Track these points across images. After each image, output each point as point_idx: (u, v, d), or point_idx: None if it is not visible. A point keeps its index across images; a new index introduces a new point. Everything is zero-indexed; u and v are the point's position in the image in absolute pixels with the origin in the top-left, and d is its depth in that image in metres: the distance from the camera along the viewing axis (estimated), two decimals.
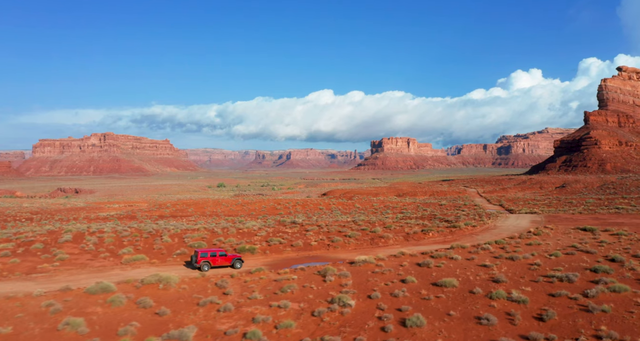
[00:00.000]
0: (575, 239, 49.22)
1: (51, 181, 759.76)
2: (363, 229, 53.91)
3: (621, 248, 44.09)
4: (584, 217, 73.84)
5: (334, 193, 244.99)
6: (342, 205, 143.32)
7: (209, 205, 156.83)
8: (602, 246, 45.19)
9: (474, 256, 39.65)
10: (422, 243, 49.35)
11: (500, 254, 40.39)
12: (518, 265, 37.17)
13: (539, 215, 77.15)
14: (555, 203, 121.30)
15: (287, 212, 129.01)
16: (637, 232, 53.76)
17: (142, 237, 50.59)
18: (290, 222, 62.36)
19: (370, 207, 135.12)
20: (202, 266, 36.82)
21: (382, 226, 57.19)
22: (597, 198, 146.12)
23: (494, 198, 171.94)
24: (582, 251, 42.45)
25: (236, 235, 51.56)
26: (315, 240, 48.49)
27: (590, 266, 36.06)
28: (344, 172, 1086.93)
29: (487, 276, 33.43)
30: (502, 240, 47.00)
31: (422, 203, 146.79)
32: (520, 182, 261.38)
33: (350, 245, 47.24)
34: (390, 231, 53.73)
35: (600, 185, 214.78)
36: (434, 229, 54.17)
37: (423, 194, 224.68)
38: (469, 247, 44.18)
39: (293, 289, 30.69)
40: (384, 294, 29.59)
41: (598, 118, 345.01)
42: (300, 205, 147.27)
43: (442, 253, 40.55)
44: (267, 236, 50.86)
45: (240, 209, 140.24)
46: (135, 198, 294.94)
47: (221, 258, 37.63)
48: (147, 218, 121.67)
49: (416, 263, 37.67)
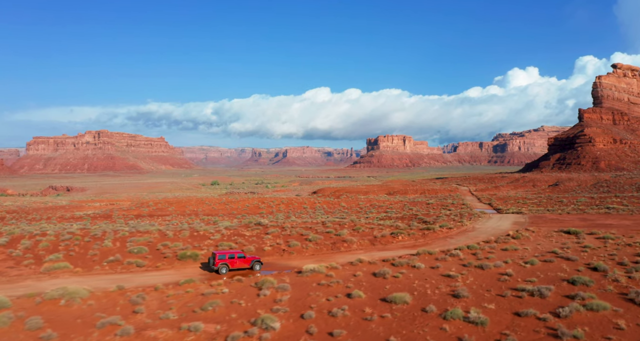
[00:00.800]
0: (556, 243, 44.77)
1: (44, 179, 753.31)
2: (328, 232, 49.33)
3: (606, 254, 39.65)
4: (572, 217, 69.46)
5: (325, 192, 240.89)
6: (327, 204, 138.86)
7: (191, 203, 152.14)
8: (586, 252, 40.75)
9: (439, 265, 35.11)
10: (388, 247, 44.80)
11: (470, 262, 35.86)
12: (487, 275, 32.65)
13: (524, 216, 72.75)
14: (545, 202, 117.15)
15: (269, 211, 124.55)
16: (626, 235, 49.35)
17: (82, 241, 45.90)
18: (255, 223, 57.72)
19: (356, 206, 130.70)
20: (220, 268, 35.41)
21: (351, 228, 52.64)
22: (589, 196, 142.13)
23: (485, 196, 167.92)
24: (562, 258, 37.98)
25: (187, 239, 46.90)
26: (271, 244, 43.88)
27: (569, 276, 31.59)
28: (340, 169, 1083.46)
29: (448, 290, 28.90)
30: (476, 244, 42.48)
31: (410, 202, 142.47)
32: (513, 180, 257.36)
33: (308, 250, 42.66)
34: (358, 234, 49.17)
35: (593, 183, 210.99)
36: (405, 232, 49.61)
37: (414, 192, 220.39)
38: (437, 252, 39.65)
39: (217, 306, 26.07)
40: (320, 313, 25.01)
41: (592, 116, 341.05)
42: (284, 203, 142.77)
43: (404, 261, 36.00)
44: (220, 240, 46.21)
45: (223, 208, 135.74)
46: (123, 196, 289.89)
47: (239, 260, 36.24)
48: (123, 217, 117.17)
49: (372, 272, 33.10)
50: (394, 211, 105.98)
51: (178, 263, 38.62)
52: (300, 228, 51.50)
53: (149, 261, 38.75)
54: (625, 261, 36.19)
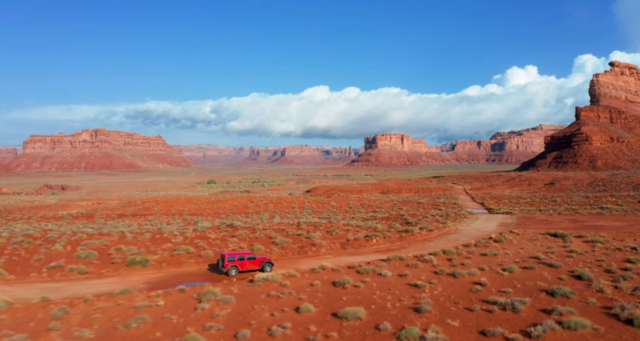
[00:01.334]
0: (541, 248, 41.60)
1: (41, 177, 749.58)
2: (299, 234, 46.12)
3: (593, 259, 36.51)
4: (562, 218, 66.30)
5: (318, 190, 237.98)
6: (316, 203, 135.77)
7: (179, 203, 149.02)
8: (572, 257, 37.60)
9: (408, 272, 31.91)
10: (360, 252, 41.58)
11: (442, 269, 32.67)
12: (458, 284, 29.47)
13: (513, 216, 69.54)
14: (539, 202, 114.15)
15: (256, 210, 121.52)
16: (616, 238, 46.19)
17: (34, 244, 42.65)
18: (226, 225, 54.47)
19: (346, 205, 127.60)
20: (229, 271, 33.80)
21: (326, 230, 49.41)
22: (584, 196, 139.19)
23: (479, 195, 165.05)
24: (544, 264, 34.82)
25: (146, 242, 43.66)
26: (232, 249, 40.61)
27: (549, 286, 28.44)
28: (338, 168, 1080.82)
29: (411, 302, 25.72)
30: (454, 249, 39.26)
31: (402, 201, 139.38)
32: (509, 179, 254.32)
33: (271, 255, 39.39)
34: (330, 237, 45.97)
35: (590, 182, 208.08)
36: (380, 235, 46.35)
37: (408, 191, 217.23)
38: (409, 258, 36.47)
39: (143, 323, 22.84)
40: (258, 331, 21.79)
41: (589, 114, 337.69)
42: (273, 203, 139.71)
43: (370, 268, 32.80)
44: (181, 243, 42.96)
45: (210, 207, 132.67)
46: (115, 195, 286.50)
47: (249, 261, 34.65)
48: (105, 217, 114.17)
49: (332, 281, 29.90)
50: (382, 211, 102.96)
51: (125, 270, 35.38)
52: (270, 230, 48.29)
53: (95, 267, 35.51)
54: (613, 268, 33.05)
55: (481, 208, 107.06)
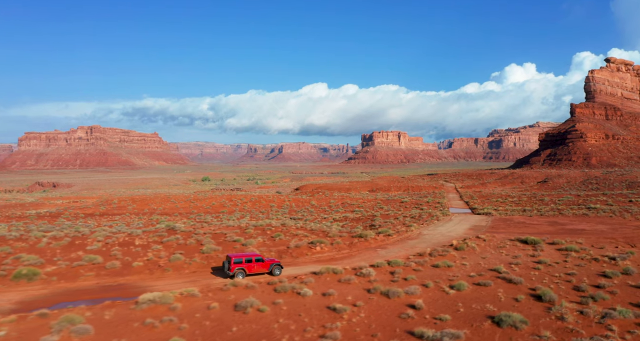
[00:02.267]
0: (506, 257, 36.12)
1: (34, 175, 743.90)
2: (235, 240, 40.57)
3: (563, 273, 31.05)
4: (542, 220, 60.82)
5: (307, 188, 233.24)
6: (296, 202, 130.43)
7: (155, 201, 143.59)
8: (538, 269, 32.13)
9: (333, 291, 26.38)
10: (297, 262, 36.03)
11: (377, 286, 27.15)
12: (388, 307, 23.97)
13: (489, 218, 63.98)
14: (526, 201, 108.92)
15: (231, 210, 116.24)
16: (595, 245, 40.74)
17: None
18: (168, 228, 48.87)
19: (326, 205, 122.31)
20: (236, 274, 31.66)
21: (271, 235, 43.87)
22: (575, 194, 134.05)
23: (468, 194, 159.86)
24: (503, 279, 29.33)
25: (56, 249, 38.08)
26: (147, 258, 35.07)
27: (498, 311, 22.98)
28: (335, 165, 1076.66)
29: (316, 336, 20.23)
30: (401, 260, 33.70)
31: (386, 199, 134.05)
32: (501, 177, 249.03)
33: (190, 266, 33.88)
34: (272, 243, 40.42)
35: (583, 180, 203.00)
36: (328, 241, 40.79)
37: (397, 189, 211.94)
38: (345, 271, 30.96)
39: None
40: None
41: (584, 111, 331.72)
42: (252, 202, 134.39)
43: (290, 286, 27.28)
44: (95, 251, 37.37)
45: (186, 206, 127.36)
46: (99, 193, 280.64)
47: (257, 264, 32.57)
48: (71, 217, 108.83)
49: (235, 303, 24.33)
50: (361, 210, 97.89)
51: (6, 285, 29.79)
52: (207, 237, 42.68)
53: None
54: (584, 286, 27.58)
55: (465, 208, 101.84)
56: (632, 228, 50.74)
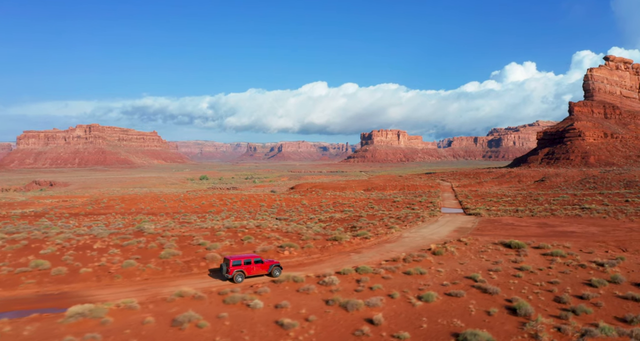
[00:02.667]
0: (486, 263, 33.59)
1: (32, 173, 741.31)
2: (200, 244, 38.06)
3: (544, 281, 28.53)
4: (532, 221, 58.26)
5: (302, 187, 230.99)
6: (288, 201, 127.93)
7: (145, 200, 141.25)
8: (519, 277, 29.61)
9: (287, 303, 23.85)
10: None
11: (336, 297, 24.65)
12: (344, 322, 21.44)
13: (477, 219, 61.37)
14: (520, 201, 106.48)
15: (219, 209, 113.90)
16: (584, 249, 38.20)
17: None
18: (138, 230, 46.34)
19: (317, 204, 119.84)
20: (235, 277, 30.50)
21: (241, 238, 41.34)
22: (572, 194, 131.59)
23: (464, 193, 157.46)
24: (478, 289, 26.81)
25: (7, 253, 35.51)
26: (99, 264, 32.54)
27: (465, 327, 20.48)
28: (334, 164, 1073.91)
29: None
30: (369, 267, 31.12)
31: (378, 199, 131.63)
32: (499, 176, 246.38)
33: (144, 273, 31.35)
34: (238, 247, 37.86)
35: (581, 179, 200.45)
36: (298, 245, 38.24)
37: (393, 188, 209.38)
38: (307, 279, 28.45)
39: None
40: None
41: (583, 109, 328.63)
42: (242, 201, 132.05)
43: (240, 297, 24.80)
44: (47, 256, 34.82)
45: (174, 206, 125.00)
46: (92, 191, 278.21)
47: (257, 266, 31.52)
48: (55, 216, 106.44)
49: (173, 318, 21.78)
50: (351, 210, 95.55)
51: None
52: (172, 240, 40.14)
53: None
54: (565, 297, 25.04)
55: (458, 208, 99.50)
56: (625, 230, 48.23)
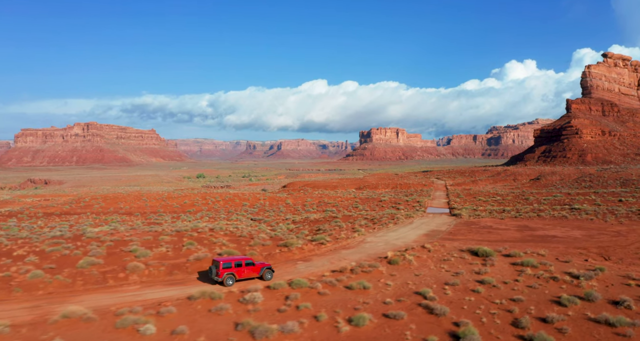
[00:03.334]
0: (444, 275, 29.46)
1: (29, 172, 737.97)
2: (131, 251, 33.93)
3: (507, 298, 24.39)
4: (513, 223, 54.08)
5: (294, 186, 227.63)
6: (272, 201, 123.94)
7: (127, 199, 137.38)
8: (478, 292, 25.49)
9: (184, 329, 19.72)
10: (189, 279, 29.29)
11: (247, 321, 20.47)
12: None
13: (455, 221, 57.17)
14: (509, 200, 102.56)
15: (199, 209, 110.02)
16: (561, 257, 34.05)
17: None
18: (76, 234, 42.18)
19: (301, 203, 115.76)
20: (225, 280, 28.89)
21: (178, 246, 37.18)
22: (566, 192, 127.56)
23: (456, 191, 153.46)
24: (425, 308, 22.68)
25: None
26: (3, 274, 28.35)
27: None
28: (333, 162, 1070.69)
29: None
30: (304, 280, 26.89)
31: (366, 198, 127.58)
32: (494, 174, 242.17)
33: (48, 286, 27.21)
34: (172, 255, 33.71)
35: (577, 177, 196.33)
36: (239, 253, 34.04)
37: (385, 187, 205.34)
38: (227, 295, 24.31)
39: None
40: None
41: (581, 107, 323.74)
42: (226, 200, 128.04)
43: (132, 320, 20.55)
44: None
45: (155, 205, 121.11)
46: (84, 190, 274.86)
47: (248, 268, 30.02)
48: (27, 216, 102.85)
49: None
50: (333, 210, 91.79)
51: None
52: (104, 245, 36.00)
53: None
54: (525, 321, 20.87)
55: (445, 207, 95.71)
56: (611, 234, 44.11)
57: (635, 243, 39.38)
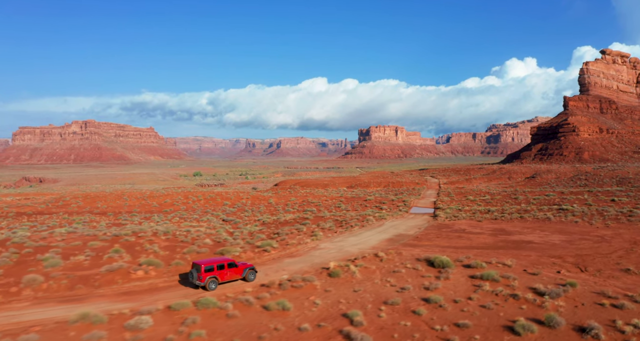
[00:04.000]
0: (387, 291, 25.31)
1: (26, 170, 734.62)
2: (44, 259, 29.79)
3: (449, 324, 20.24)
4: (489, 227, 49.83)
5: (286, 184, 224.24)
6: (254, 200, 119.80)
7: (108, 199, 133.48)
8: (418, 314, 21.37)
9: None
10: (94, 294, 25.19)
11: None
12: None
13: (427, 224, 52.92)
14: (498, 200, 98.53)
15: (177, 208, 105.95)
16: (530, 268, 29.88)
17: None
18: (3, 237, 38.07)
19: (283, 203, 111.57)
20: (208, 284, 27.08)
21: (103, 252, 33.07)
22: (559, 191, 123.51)
23: (448, 190, 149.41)
24: (344, 336, 18.53)
25: None
26: None
27: None
28: (331, 160, 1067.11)
29: None
30: (212, 299, 22.83)
31: (352, 197, 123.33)
32: (489, 172, 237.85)
33: None
34: (87, 265, 29.59)
35: (573, 175, 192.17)
36: (163, 263, 29.95)
37: (377, 186, 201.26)
38: (115, 317, 20.14)
39: None
40: None
41: (578, 104, 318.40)
42: (207, 199, 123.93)
43: None
44: None
45: (134, 204, 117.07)
46: (71, 189, 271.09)
47: (231, 270, 28.24)
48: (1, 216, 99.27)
49: None
50: (314, 210, 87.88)
51: None
52: (17, 251, 31.87)
53: None
54: None
55: (431, 207, 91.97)
56: (594, 240, 39.94)
57: (619, 250, 35.24)
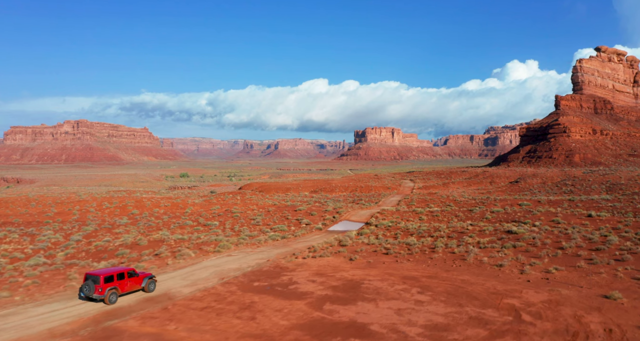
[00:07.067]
0: None
1: (13, 170, 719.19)
2: None
3: None
4: (334, 282, 32.02)
5: (249, 187, 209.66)
6: (174, 208, 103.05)
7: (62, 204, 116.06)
8: None
9: None
10: None
11: None
12: None
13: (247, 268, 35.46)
14: (450, 212, 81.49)
15: (66, 218, 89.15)
16: None
17: None
18: None
19: (199, 213, 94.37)
20: (108, 296, 24.33)
21: None
22: (536, 200, 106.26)
23: (416, 196, 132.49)
24: None
25: None
26: None
27: None
28: (326, 162, 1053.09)
29: None
30: None
31: (283, 206, 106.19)
32: (472, 176, 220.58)
33: None
34: None
35: (560, 180, 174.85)
36: None
37: (344, 190, 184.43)
38: None
39: None
40: None
41: (571, 104, 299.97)
42: (122, 207, 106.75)
43: None
44: None
45: (33, 212, 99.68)
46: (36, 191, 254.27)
47: (131, 280, 25.75)
48: None
49: None
50: (215, 224, 71.50)
51: None
52: None
53: None
54: None
55: (367, 221, 75.13)
56: (497, 328, 22.43)
57: None
